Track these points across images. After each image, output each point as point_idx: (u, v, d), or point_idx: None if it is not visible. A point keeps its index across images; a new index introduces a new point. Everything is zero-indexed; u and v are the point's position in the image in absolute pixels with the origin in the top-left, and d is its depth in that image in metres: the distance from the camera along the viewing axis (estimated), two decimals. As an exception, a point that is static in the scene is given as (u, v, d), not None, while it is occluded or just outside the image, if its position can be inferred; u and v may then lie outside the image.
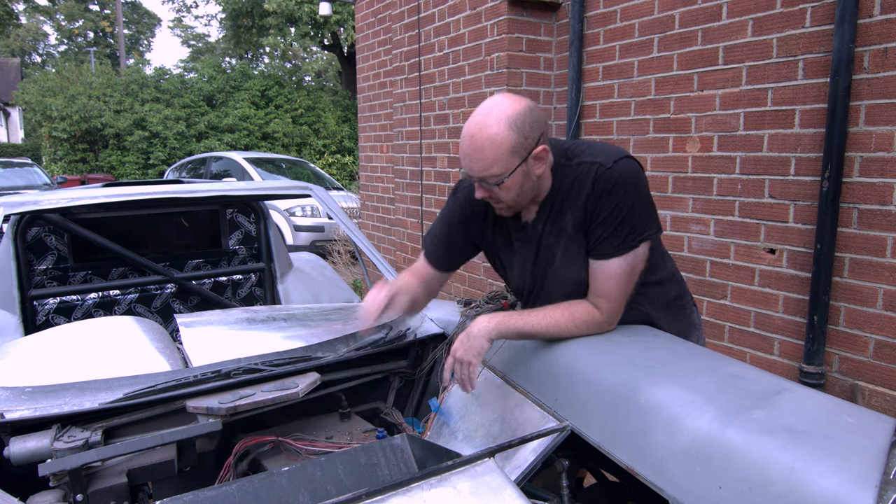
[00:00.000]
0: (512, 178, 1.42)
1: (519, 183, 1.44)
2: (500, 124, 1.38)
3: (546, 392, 1.47)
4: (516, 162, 1.40)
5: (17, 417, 1.35)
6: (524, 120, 1.39)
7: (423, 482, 1.06)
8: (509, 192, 1.45)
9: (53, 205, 2.23)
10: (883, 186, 2.34)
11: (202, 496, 1.11)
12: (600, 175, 1.43)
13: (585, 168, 1.47)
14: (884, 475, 0.95)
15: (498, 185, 1.43)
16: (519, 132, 1.38)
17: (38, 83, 17.30)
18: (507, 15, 3.61)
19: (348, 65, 19.88)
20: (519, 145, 1.39)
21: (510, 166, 1.40)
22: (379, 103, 5.85)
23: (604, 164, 1.44)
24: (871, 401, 2.42)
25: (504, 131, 1.38)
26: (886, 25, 2.29)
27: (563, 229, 1.53)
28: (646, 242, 1.49)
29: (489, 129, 1.38)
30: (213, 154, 10.43)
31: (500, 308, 1.76)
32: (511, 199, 1.48)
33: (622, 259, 1.47)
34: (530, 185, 1.47)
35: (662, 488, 1.14)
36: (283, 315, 2.11)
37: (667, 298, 1.66)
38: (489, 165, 1.40)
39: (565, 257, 1.54)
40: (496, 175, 1.41)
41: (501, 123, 1.38)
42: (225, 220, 3.15)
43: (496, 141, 1.38)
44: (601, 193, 1.44)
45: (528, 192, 1.48)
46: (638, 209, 1.46)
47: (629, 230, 1.46)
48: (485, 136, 1.39)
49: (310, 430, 1.72)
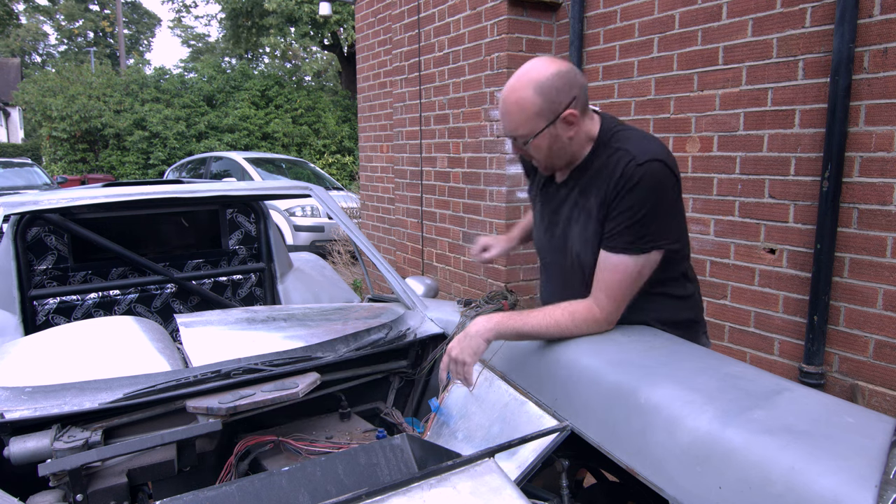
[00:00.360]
0: (539, 139, 1.50)
1: (547, 144, 1.51)
2: (527, 88, 1.45)
3: (546, 392, 1.47)
4: (542, 124, 1.47)
5: (17, 417, 1.35)
6: (552, 84, 1.45)
7: (423, 482, 1.06)
8: (539, 152, 1.54)
9: (53, 205, 2.23)
10: (883, 186, 2.34)
11: (202, 496, 1.11)
12: (628, 168, 1.45)
13: (619, 156, 1.48)
14: (884, 475, 0.95)
15: (525, 143, 1.52)
16: (545, 97, 1.45)
17: (38, 83, 17.30)
18: (507, 15, 3.61)
19: (348, 65, 19.88)
20: (544, 109, 1.46)
21: (536, 128, 1.48)
22: (379, 103, 5.85)
23: (636, 158, 1.45)
24: (871, 401, 2.42)
25: (530, 95, 1.45)
26: (886, 25, 2.29)
27: (585, 208, 1.56)
28: (658, 250, 1.49)
29: (517, 92, 1.47)
30: (213, 154, 10.43)
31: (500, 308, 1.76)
32: (542, 158, 1.56)
33: (631, 258, 1.47)
34: (560, 146, 1.53)
35: (662, 488, 1.14)
36: (283, 315, 2.11)
37: (679, 317, 1.65)
38: (516, 127, 1.50)
39: (582, 236, 1.57)
40: (523, 136, 1.51)
41: (528, 88, 1.45)
42: (225, 220, 3.15)
43: (522, 105, 1.47)
44: (623, 187, 1.46)
45: (558, 153, 1.54)
46: (657, 214, 1.46)
47: (644, 232, 1.46)
48: (512, 100, 1.48)
49: (310, 430, 1.72)
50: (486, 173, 3.89)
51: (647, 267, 1.50)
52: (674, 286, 1.62)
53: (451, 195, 4.31)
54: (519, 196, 3.80)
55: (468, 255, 4.18)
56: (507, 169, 3.73)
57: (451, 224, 4.34)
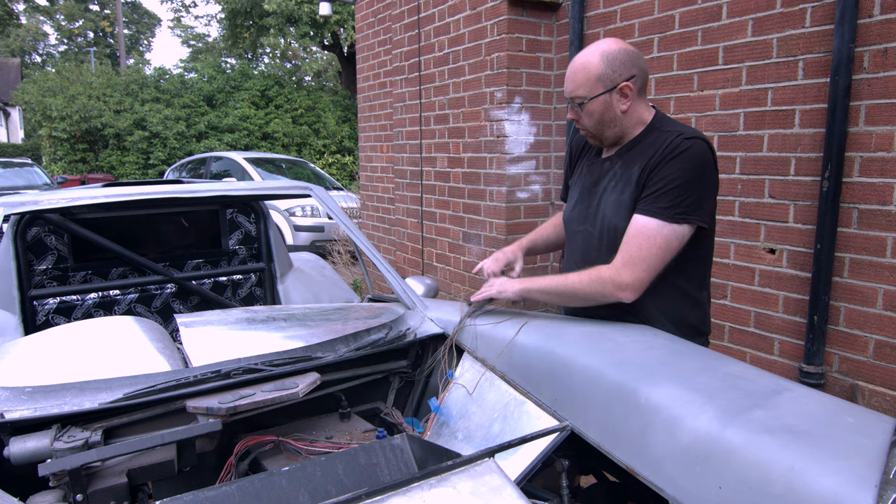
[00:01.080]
0: (594, 103, 1.61)
1: (600, 110, 1.61)
2: (595, 55, 1.60)
3: (546, 392, 1.47)
4: (600, 89, 1.59)
5: (17, 417, 1.35)
6: (616, 57, 1.59)
7: (423, 482, 1.06)
8: (591, 117, 1.63)
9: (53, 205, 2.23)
10: (883, 186, 2.34)
11: (202, 496, 1.11)
12: (675, 141, 1.54)
13: (668, 135, 1.58)
14: (884, 475, 0.95)
15: (581, 105, 1.62)
16: (608, 65, 1.58)
17: (38, 83, 17.29)
18: (507, 15, 3.61)
19: (348, 65, 19.88)
20: (606, 76, 1.58)
21: (594, 91, 1.60)
22: (379, 103, 5.85)
23: (684, 133, 1.56)
24: (871, 401, 2.42)
25: (595, 61, 1.59)
26: (886, 25, 2.29)
27: (627, 177, 1.61)
28: (690, 225, 1.52)
29: (585, 56, 1.61)
30: (213, 154, 10.43)
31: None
32: (592, 124, 1.65)
33: (659, 223, 1.51)
34: (612, 116, 1.62)
35: (662, 488, 1.14)
36: (283, 315, 2.11)
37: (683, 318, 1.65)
38: (577, 87, 1.62)
39: (617, 202, 1.62)
40: (581, 97, 1.62)
41: (596, 55, 1.60)
42: (225, 220, 3.15)
43: (587, 67, 1.60)
44: (667, 155, 1.53)
45: (608, 122, 1.64)
46: (693, 187, 1.51)
47: (679, 200, 1.50)
48: (580, 62, 1.62)
49: (310, 430, 1.72)
50: (486, 173, 3.89)
51: (672, 239, 1.52)
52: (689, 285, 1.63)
53: (451, 195, 4.31)
54: (519, 196, 3.80)
55: (467, 254, 4.18)
56: (507, 169, 3.73)
57: (451, 224, 4.34)
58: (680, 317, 1.64)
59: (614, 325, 1.61)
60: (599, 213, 1.67)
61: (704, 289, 1.71)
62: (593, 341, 1.49)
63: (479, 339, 1.73)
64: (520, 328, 1.64)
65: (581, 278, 1.59)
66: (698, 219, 1.53)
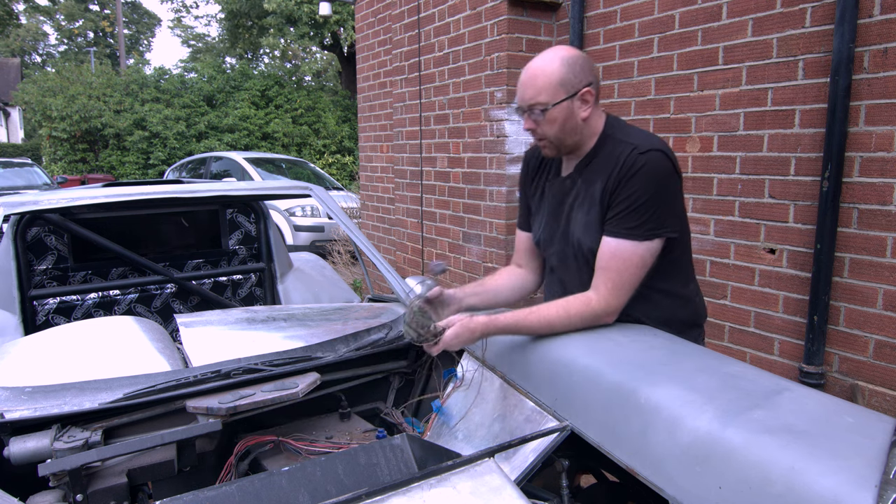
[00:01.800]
0: (556, 110, 1.54)
1: (563, 118, 1.55)
2: (555, 60, 1.54)
3: (546, 392, 1.47)
4: (563, 94, 1.53)
5: (17, 417, 1.35)
6: (576, 62, 1.54)
7: (423, 482, 1.06)
8: (552, 126, 1.57)
9: (53, 205, 2.23)
10: (883, 186, 2.34)
11: (202, 496, 1.11)
12: (630, 156, 1.51)
13: (623, 146, 1.54)
14: (884, 475, 0.95)
15: (543, 112, 1.55)
16: (569, 69, 1.53)
17: (38, 83, 17.29)
18: (507, 15, 3.61)
19: (348, 65, 19.88)
20: (567, 81, 1.53)
21: (556, 97, 1.53)
22: (379, 103, 5.85)
23: (638, 147, 1.51)
24: (871, 401, 2.42)
25: (556, 65, 1.53)
26: (886, 25, 2.29)
27: (590, 196, 1.59)
28: (659, 239, 1.51)
29: (543, 60, 1.55)
30: (213, 154, 10.43)
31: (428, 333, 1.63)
32: (553, 133, 1.58)
33: (631, 244, 1.50)
34: (573, 125, 1.57)
35: (662, 488, 1.14)
36: (283, 315, 2.11)
37: (674, 316, 1.65)
38: (538, 93, 1.54)
39: (584, 223, 1.60)
40: (542, 103, 1.54)
41: (556, 60, 1.54)
42: (225, 220, 3.15)
43: (547, 71, 1.53)
44: (625, 174, 1.50)
45: (570, 131, 1.58)
46: (657, 202, 1.49)
47: (645, 218, 1.49)
48: (538, 66, 1.55)
49: (310, 430, 1.72)
50: (486, 173, 3.89)
51: (647, 255, 1.51)
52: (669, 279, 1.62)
53: (451, 195, 4.31)
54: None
55: (467, 254, 4.19)
56: (507, 169, 3.73)
57: (451, 224, 4.34)
58: (671, 316, 1.64)
59: (614, 325, 1.61)
60: (570, 231, 1.65)
61: (690, 282, 1.71)
62: (593, 341, 1.49)
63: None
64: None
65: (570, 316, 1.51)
66: (667, 231, 1.52)
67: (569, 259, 1.67)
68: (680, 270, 1.65)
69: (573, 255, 1.65)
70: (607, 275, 1.52)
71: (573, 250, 1.64)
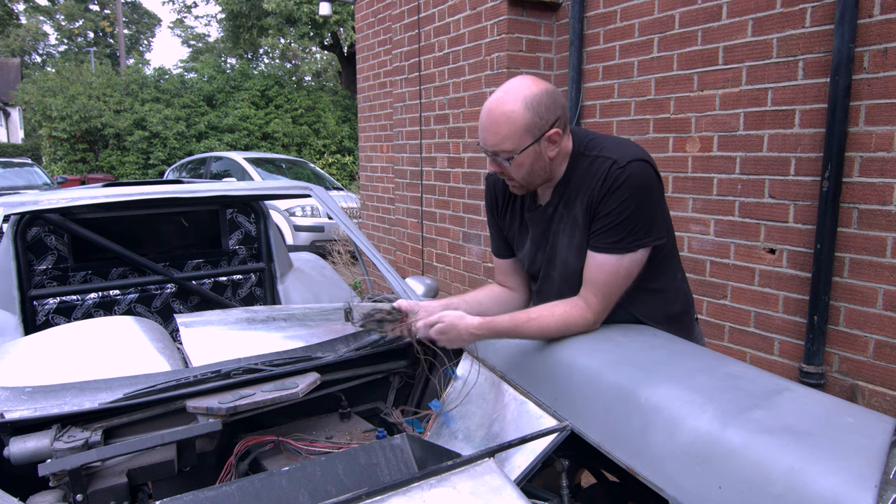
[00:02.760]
0: (523, 156, 1.47)
1: (530, 161, 1.48)
2: (517, 102, 1.43)
3: (546, 392, 1.47)
4: (528, 140, 1.45)
5: (17, 417, 1.35)
6: (540, 101, 1.44)
7: (423, 482, 1.06)
8: (520, 170, 1.50)
9: (53, 205, 2.23)
10: (883, 186, 2.34)
11: (202, 496, 1.11)
12: (612, 172, 1.46)
13: (600, 162, 1.50)
14: (884, 475, 0.95)
15: (509, 160, 1.48)
16: (534, 112, 1.43)
17: (38, 83, 17.29)
18: (507, 15, 3.61)
19: (348, 65, 19.88)
20: (533, 125, 1.44)
21: (522, 144, 1.45)
22: (379, 103, 5.85)
23: (618, 162, 1.47)
24: (871, 401, 2.42)
25: (520, 109, 1.43)
26: (886, 25, 2.29)
27: (573, 218, 1.56)
28: (645, 249, 1.50)
29: (506, 105, 1.44)
30: (213, 154, 10.43)
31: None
32: (521, 176, 1.52)
33: (616, 257, 1.49)
34: (542, 165, 1.51)
35: (662, 488, 1.14)
36: (283, 315, 2.11)
37: (668, 311, 1.65)
38: (502, 140, 1.46)
39: (570, 245, 1.58)
40: (508, 151, 1.47)
41: (518, 102, 1.43)
42: (225, 220, 3.15)
43: (511, 118, 1.43)
44: (608, 189, 1.46)
45: (539, 172, 1.52)
46: (641, 213, 1.47)
47: (629, 231, 1.47)
48: (500, 112, 1.44)
49: (310, 430, 1.72)
50: (487, 173, 3.89)
51: (633, 266, 1.51)
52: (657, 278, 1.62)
53: (451, 195, 4.31)
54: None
55: (467, 254, 4.19)
56: (507, 169, 3.73)
57: (451, 224, 4.34)
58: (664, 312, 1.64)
59: (614, 325, 1.61)
60: (556, 257, 1.62)
61: (678, 271, 1.70)
62: (593, 341, 1.49)
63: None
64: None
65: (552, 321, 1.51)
66: (652, 239, 1.51)
67: (560, 282, 1.64)
68: (669, 266, 1.65)
69: (563, 278, 1.62)
70: (596, 286, 1.51)
71: (563, 274, 1.62)
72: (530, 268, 1.73)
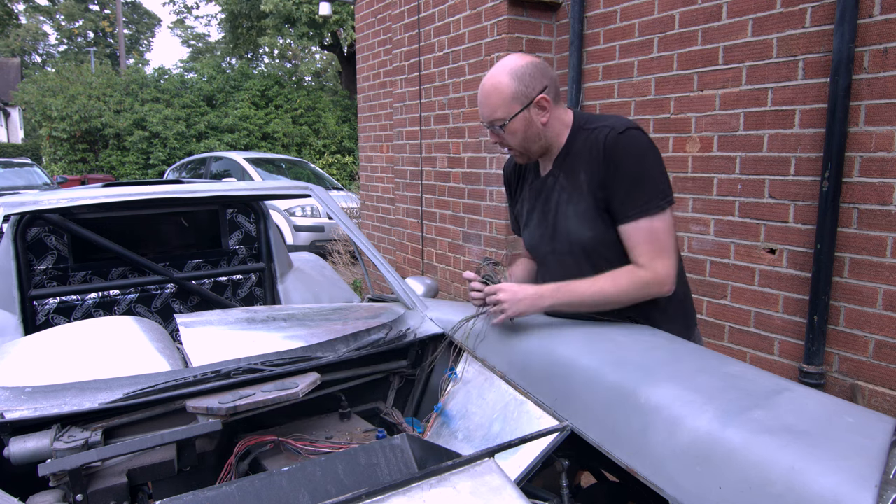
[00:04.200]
0: (514, 123, 1.60)
1: (522, 128, 1.60)
2: (504, 75, 1.58)
3: (546, 392, 1.47)
4: (517, 107, 1.58)
5: (17, 417, 1.34)
6: (525, 72, 1.57)
7: (423, 482, 1.06)
8: (514, 137, 1.62)
9: (53, 205, 2.23)
10: (883, 186, 2.34)
11: (202, 496, 1.11)
12: (609, 138, 1.54)
13: (598, 132, 1.58)
14: (884, 475, 0.95)
15: (502, 127, 1.61)
16: (520, 81, 1.57)
17: (38, 83, 17.29)
18: (507, 15, 3.61)
19: (348, 65, 19.89)
20: (520, 93, 1.57)
21: (511, 111, 1.58)
22: (379, 103, 5.85)
23: (615, 128, 1.55)
24: (871, 401, 2.42)
25: (506, 80, 1.57)
26: (886, 25, 2.29)
27: (576, 187, 1.61)
28: (671, 206, 1.54)
29: (494, 78, 1.59)
30: (213, 154, 10.43)
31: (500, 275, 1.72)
32: (517, 143, 1.64)
33: (650, 220, 1.51)
34: (535, 131, 1.62)
35: (662, 488, 1.14)
36: (283, 315, 2.11)
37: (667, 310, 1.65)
38: (493, 110, 1.60)
39: (576, 214, 1.62)
40: (500, 119, 1.60)
41: (505, 74, 1.58)
42: (225, 220, 3.15)
43: (498, 88, 1.58)
44: (612, 157, 1.53)
45: (533, 137, 1.63)
46: (655, 169, 1.53)
47: (650, 192, 1.51)
48: (490, 85, 1.60)
49: (310, 430, 1.72)
50: (486, 173, 3.89)
51: (670, 224, 1.54)
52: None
53: (451, 195, 4.31)
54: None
55: (467, 254, 4.18)
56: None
57: (451, 224, 4.34)
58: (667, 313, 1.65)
59: (614, 325, 1.61)
60: (561, 229, 1.66)
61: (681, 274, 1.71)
62: (593, 341, 1.49)
63: (479, 337, 1.73)
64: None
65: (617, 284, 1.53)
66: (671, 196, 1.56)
67: (564, 255, 1.67)
68: None
69: (568, 250, 1.65)
70: (643, 248, 1.53)
71: (567, 246, 1.65)
72: (530, 239, 1.78)
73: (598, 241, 1.60)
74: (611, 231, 1.58)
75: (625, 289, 1.54)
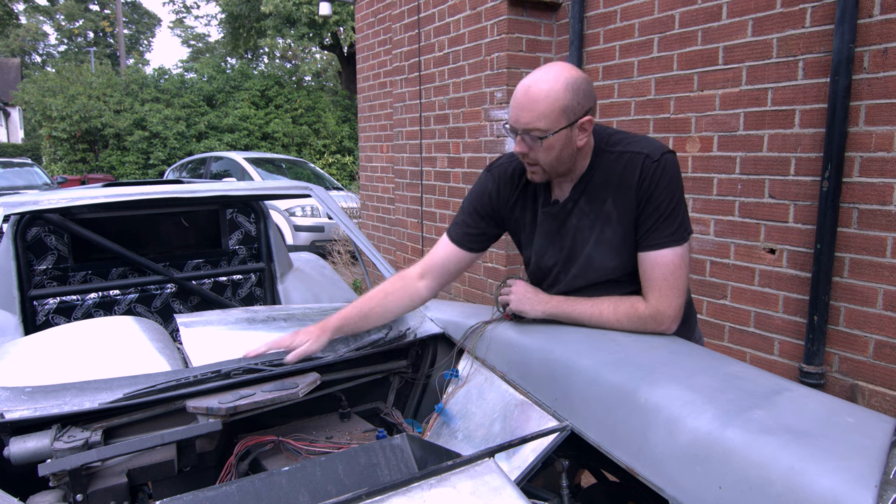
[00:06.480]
0: (555, 138, 1.44)
1: (560, 146, 1.46)
2: (559, 82, 1.42)
3: (546, 392, 1.47)
4: (564, 122, 1.43)
5: (17, 417, 1.34)
6: (580, 87, 1.43)
7: (423, 482, 1.06)
8: (549, 153, 1.47)
9: (53, 205, 2.23)
10: (883, 186, 2.34)
11: (202, 496, 1.11)
12: (648, 167, 1.47)
13: (629, 157, 1.50)
14: (884, 475, 0.95)
15: (541, 139, 1.45)
16: (573, 95, 1.42)
17: (38, 83, 17.30)
18: (507, 15, 3.61)
19: (348, 65, 19.88)
20: (570, 108, 1.42)
21: (557, 125, 1.43)
22: (379, 103, 5.85)
23: (651, 156, 1.47)
24: (871, 401, 2.42)
25: (560, 89, 1.41)
26: (886, 25, 2.29)
27: (601, 215, 1.55)
28: (690, 235, 1.52)
29: (547, 83, 1.42)
30: (213, 154, 10.43)
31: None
32: (549, 161, 1.49)
33: (673, 250, 1.49)
34: (569, 153, 1.49)
35: (662, 488, 1.14)
36: (283, 315, 2.11)
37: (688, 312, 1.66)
38: (538, 118, 1.43)
39: (599, 242, 1.56)
40: (542, 130, 1.44)
41: (560, 81, 1.42)
42: (225, 220, 3.15)
43: (551, 96, 1.41)
44: (653, 185, 1.47)
45: (565, 159, 1.50)
46: (680, 204, 1.50)
47: (679, 222, 1.49)
48: (541, 89, 1.42)
49: (310, 430, 1.72)
50: (489, 165, 3.89)
51: (687, 256, 1.52)
52: None
53: (451, 195, 4.31)
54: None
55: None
56: (507, 169, 3.73)
57: (451, 224, 4.33)
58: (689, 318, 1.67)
59: (614, 325, 1.61)
60: (579, 255, 1.60)
61: None
62: (593, 341, 1.49)
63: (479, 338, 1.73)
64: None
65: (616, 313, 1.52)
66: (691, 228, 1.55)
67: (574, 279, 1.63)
68: None
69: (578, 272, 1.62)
70: (659, 284, 1.50)
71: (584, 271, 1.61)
72: (538, 262, 1.71)
73: (621, 270, 1.57)
74: (633, 260, 1.55)
75: (622, 321, 1.53)
